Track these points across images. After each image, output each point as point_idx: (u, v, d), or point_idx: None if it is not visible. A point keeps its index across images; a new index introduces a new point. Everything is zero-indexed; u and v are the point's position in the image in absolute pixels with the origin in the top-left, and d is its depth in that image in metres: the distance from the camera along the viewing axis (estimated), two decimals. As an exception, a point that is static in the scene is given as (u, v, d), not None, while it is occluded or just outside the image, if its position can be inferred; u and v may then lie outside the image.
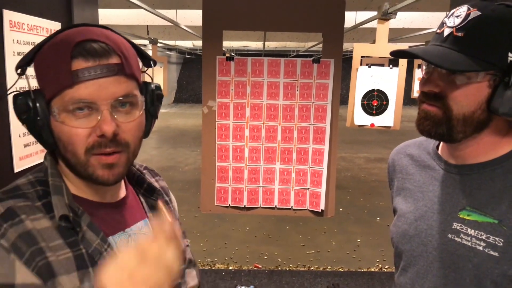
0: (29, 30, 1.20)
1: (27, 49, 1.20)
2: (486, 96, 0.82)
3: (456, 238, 0.88)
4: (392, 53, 0.92)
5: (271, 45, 13.30)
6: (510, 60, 0.79)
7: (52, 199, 0.74)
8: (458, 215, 0.89)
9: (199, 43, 11.66)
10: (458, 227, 0.88)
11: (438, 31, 0.87)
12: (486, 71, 0.81)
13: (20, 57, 1.16)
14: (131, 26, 8.28)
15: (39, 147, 1.27)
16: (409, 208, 1.01)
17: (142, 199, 0.93)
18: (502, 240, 0.81)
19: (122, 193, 0.88)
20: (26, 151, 1.21)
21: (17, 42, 1.15)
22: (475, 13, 0.80)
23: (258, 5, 2.09)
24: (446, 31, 0.84)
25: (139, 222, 0.89)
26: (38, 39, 1.25)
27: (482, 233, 0.84)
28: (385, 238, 5.39)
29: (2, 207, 0.71)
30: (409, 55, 0.87)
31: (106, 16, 7.48)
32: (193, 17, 7.20)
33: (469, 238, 0.86)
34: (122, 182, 0.89)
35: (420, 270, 0.95)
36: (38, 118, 0.73)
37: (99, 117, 0.72)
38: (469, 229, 0.86)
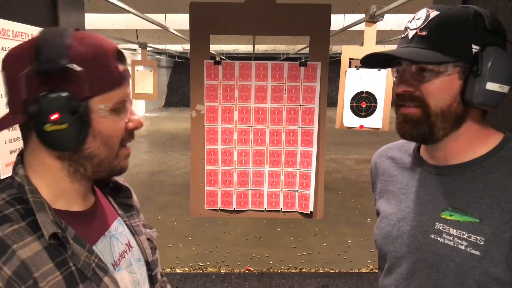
0: (14, 37, 1.20)
1: (12, 55, 1.20)
2: (458, 88, 0.86)
3: (439, 238, 0.88)
4: (362, 61, 0.94)
5: (261, 48, 13.33)
6: (475, 51, 0.83)
7: (37, 217, 0.72)
8: (441, 216, 0.89)
9: (188, 47, 11.67)
10: (440, 227, 0.89)
11: (403, 35, 0.91)
12: (454, 63, 0.84)
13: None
14: (120, 31, 8.26)
15: (25, 153, 1.27)
16: (392, 209, 1.01)
17: (110, 199, 0.96)
18: (483, 239, 0.82)
19: (92, 196, 0.89)
20: (12, 158, 1.20)
21: (2, 49, 1.15)
22: (434, 13, 0.86)
23: (245, 9, 2.10)
24: (411, 33, 0.89)
25: (114, 222, 0.91)
26: (23, 46, 1.25)
27: (464, 233, 0.85)
28: (376, 238, 5.42)
29: None
30: (378, 58, 0.91)
31: (95, 20, 7.45)
32: (182, 21, 7.20)
33: (451, 238, 0.86)
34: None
35: (403, 271, 0.95)
36: (83, 112, 0.74)
37: (128, 112, 0.83)
38: (451, 229, 0.87)
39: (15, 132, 1.22)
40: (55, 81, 0.72)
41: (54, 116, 0.71)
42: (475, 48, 0.83)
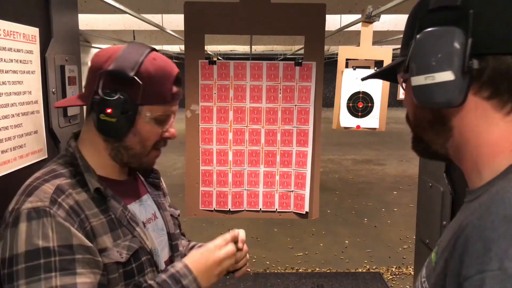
0: (5, 36, 1.19)
1: (3, 55, 1.19)
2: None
3: (422, 278, 0.72)
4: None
5: (258, 48, 13.32)
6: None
7: (85, 176, 0.96)
8: (434, 250, 0.72)
9: (186, 47, 11.64)
10: (426, 264, 0.74)
11: None
12: (398, 66, 0.73)
13: (-4, 63, 1.16)
14: (117, 31, 8.24)
15: (18, 153, 1.26)
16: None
17: (141, 178, 1.18)
18: (427, 287, 0.66)
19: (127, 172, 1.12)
20: (4, 157, 1.19)
21: (-7, 48, 1.14)
22: None
23: (239, 9, 2.10)
24: None
25: (144, 195, 1.14)
26: (15, 45, 1.24)
27: (424, 275, 0.70)
28: (373, 239, 5.42)
29: (52, 185, 0.91)
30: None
31: (92, 21, 7.43)
32: (178, 22, 7.19)
33: (422, 280, 0.71)
34: None
35: None
36: (131, 114, 0.96)
37: (168, 124, 1.04)
38: (424, 269, 0.72)
39: (6, 132, 1.21)
40: (119, 85, 0.94)
41: (108, 110, 0.93)
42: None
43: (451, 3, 0.63)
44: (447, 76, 0.62)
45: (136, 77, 0.93)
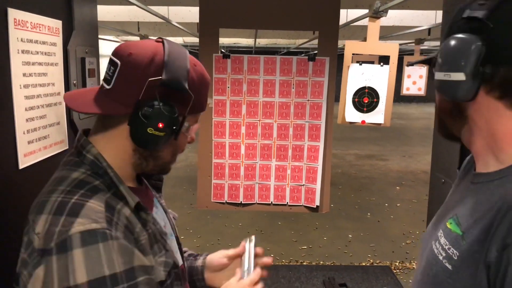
0: (32, 28, 1.21)
1: (30, 47, 1.21)
2: None
3: (433, 245, 0.84)
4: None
5: (262, 42, 13.29)
6: None
7: (121, 189, 0.84)
8: (446, 223, 0.84)
9: (189, 39, 11.62)
10: (439, 234, 0.84)
11: None
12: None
13: (23, 55, 1.17)
14: (121, 23, 8.22)
15: (42, 144, 1.29)
16: (439, 210, 0.98)
17: (145, 181, 1.07)
18: (458, 254, 0.75)
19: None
20: (30, 148, 1.21)
21: (21, 40, 1.16)
22: None
23: (254, 3, 2.11)
24: None
25: (154, 200, 1.04)
26: (40, 37, 1.26)
27: (447, 243, 0.79)
28: (376, 233, 5.45)
29: (100, 202, 0.79)
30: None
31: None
32: (184, 14, 7.18)
33: (438, 246, 0.82)
34: None
35: (416, 271, 0.95)
36: (178, 130, 0.87)
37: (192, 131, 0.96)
38: (442, 237, 0.82)
39: (31, 123, 1.23)
40: (171, 96, 0.83)
41: (160, 125, 0.82)
42: None
43: (478, 15, 0.73)
44: (459, 76, 0.74)
45: (187, 89, 0.84)
